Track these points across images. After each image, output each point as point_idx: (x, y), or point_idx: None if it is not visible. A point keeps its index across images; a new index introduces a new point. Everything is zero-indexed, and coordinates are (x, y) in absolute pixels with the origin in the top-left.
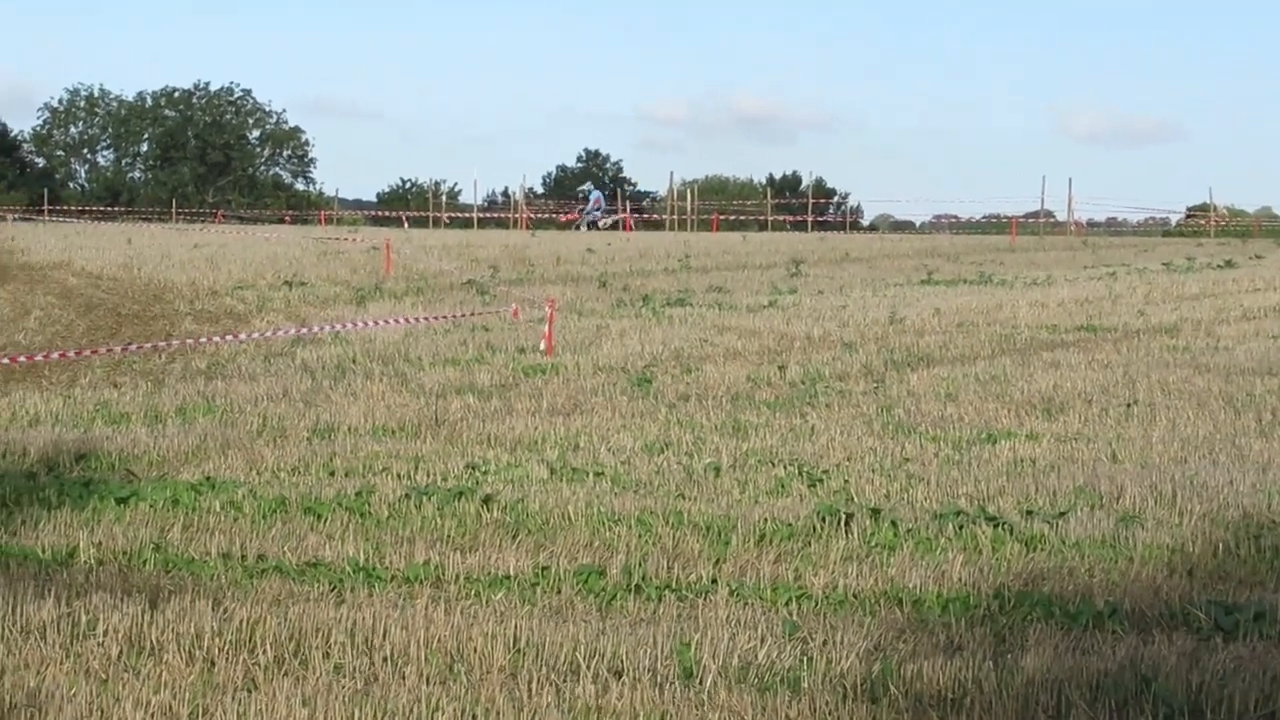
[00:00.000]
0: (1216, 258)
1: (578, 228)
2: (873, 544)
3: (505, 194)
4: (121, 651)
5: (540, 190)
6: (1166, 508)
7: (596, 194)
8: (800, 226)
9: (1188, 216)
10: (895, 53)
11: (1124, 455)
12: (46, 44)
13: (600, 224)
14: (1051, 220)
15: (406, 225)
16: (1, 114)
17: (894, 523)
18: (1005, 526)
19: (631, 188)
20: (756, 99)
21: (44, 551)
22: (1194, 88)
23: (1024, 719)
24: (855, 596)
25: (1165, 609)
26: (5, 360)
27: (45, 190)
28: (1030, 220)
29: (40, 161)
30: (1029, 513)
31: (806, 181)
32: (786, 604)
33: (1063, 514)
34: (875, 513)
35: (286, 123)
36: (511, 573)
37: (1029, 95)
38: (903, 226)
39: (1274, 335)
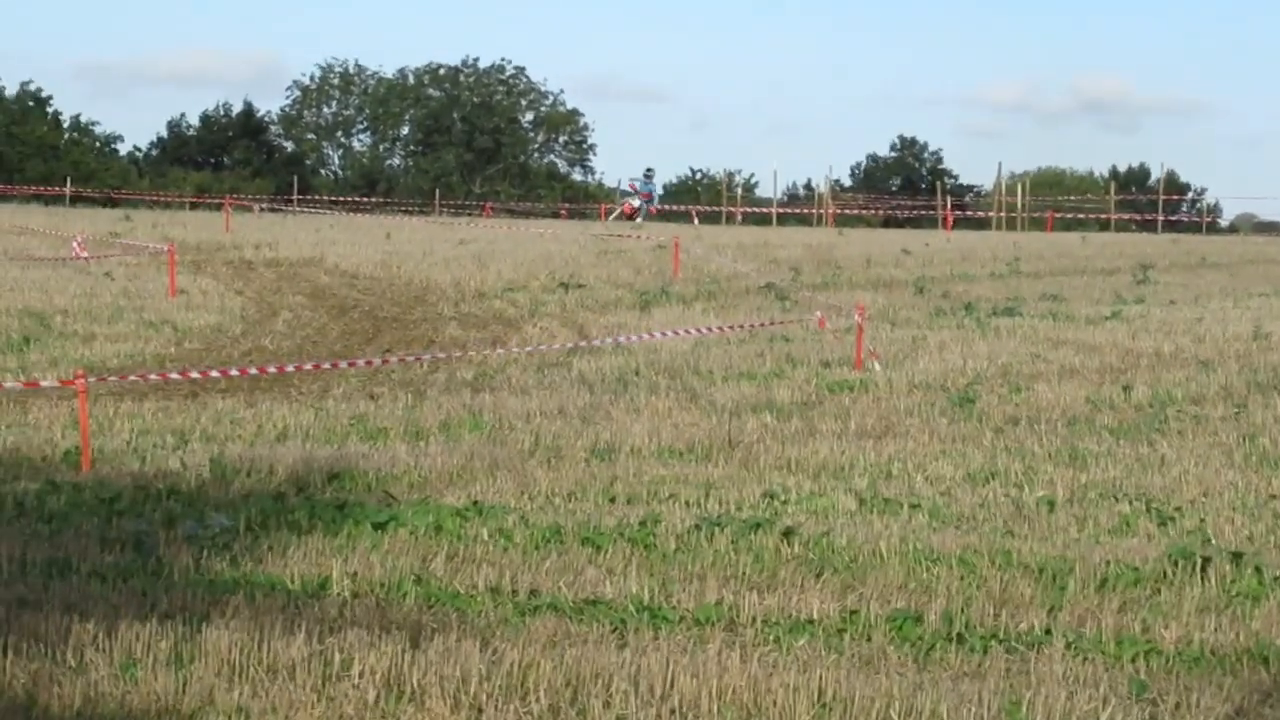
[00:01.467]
0: None
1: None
2: (1234, 593)
3: (808, 187)
4: (379, 695)
5: (848, 183)
6: None
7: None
8: (1148, 226)
9: None
10: (1262, 28)
11: None
12: (298, 15)
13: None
14: None
15: (697, 221)
16: (247, 93)
17: (1259, 569)
18: None
19: (952, 180)
20: (1100, 81)
21: (293, 581)
22: None
23: None
24: (1213, 653)
25: None
26: (252, 369)
27: (295, 178)
28: None
29: (289, 145)
30: None
31: (1156, 175)
32: (1132, 660)
33: None
34: (1237, 557)
35: (564, 105)
36: (815, 616)
37: None
38: (1269, 228)
39: None
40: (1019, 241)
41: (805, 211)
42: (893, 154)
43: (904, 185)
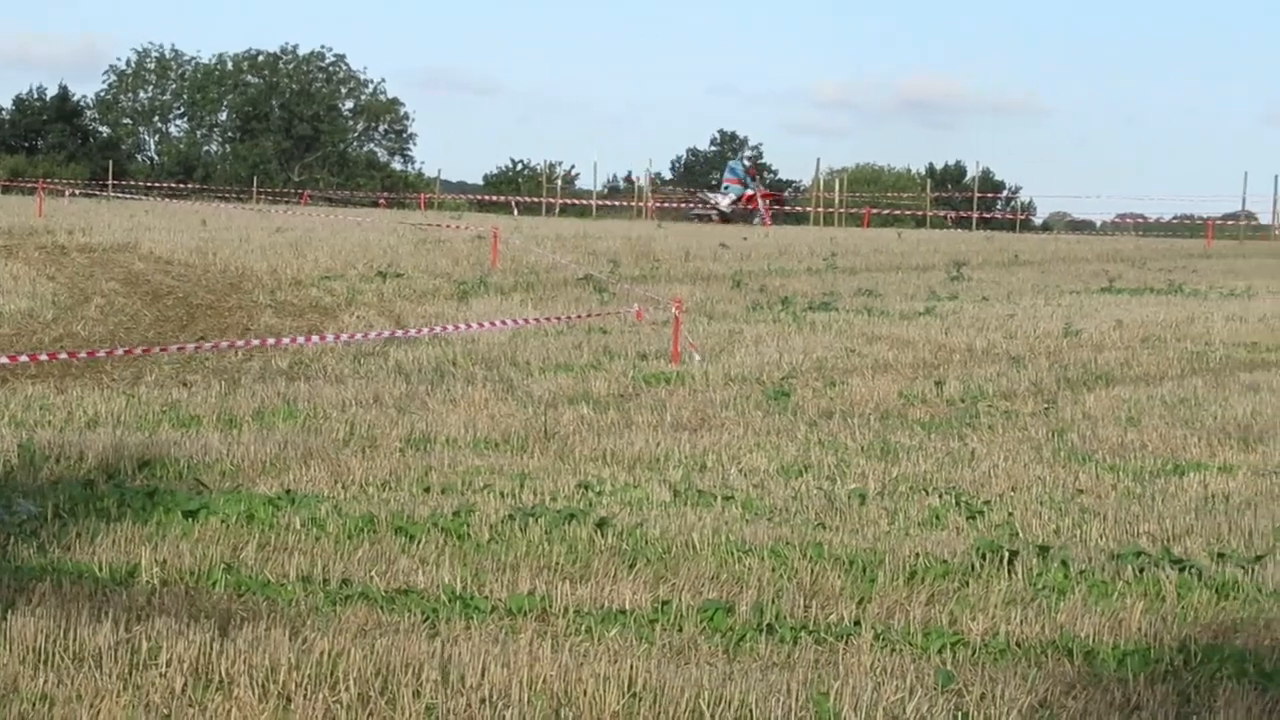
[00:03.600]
0: None
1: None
2: (1039, 586)
3: (629, 179)
4: (186, 684)
5: (668, 176)
6: None
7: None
8: (964, 224)
9: None
10: (1079, 33)
11: None
12: None
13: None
14: (1254, 223)
15: (516, 212)
16: (63, 76)
17: (1064, 563)
18: (1193, 570)
19: (772, 175)
20: (920, 80)
21: (101, 569)
22: None
23: None
24: (1018, 645)
25: None
26: (63, 355)
27: (110, 163)
28: (1229, 223)
29: (105, 130)
30: (1220, 555)
31: (972, 173)
32: (939, 651)
33: (1260, 558)
34: (1043, 551)
35: (384, 94)
36: (627, 607)
37: (1232, 79)
38: (1081, 226)
39: None
40: (836, 237)
41: (625, 204)
42: (713, 148)
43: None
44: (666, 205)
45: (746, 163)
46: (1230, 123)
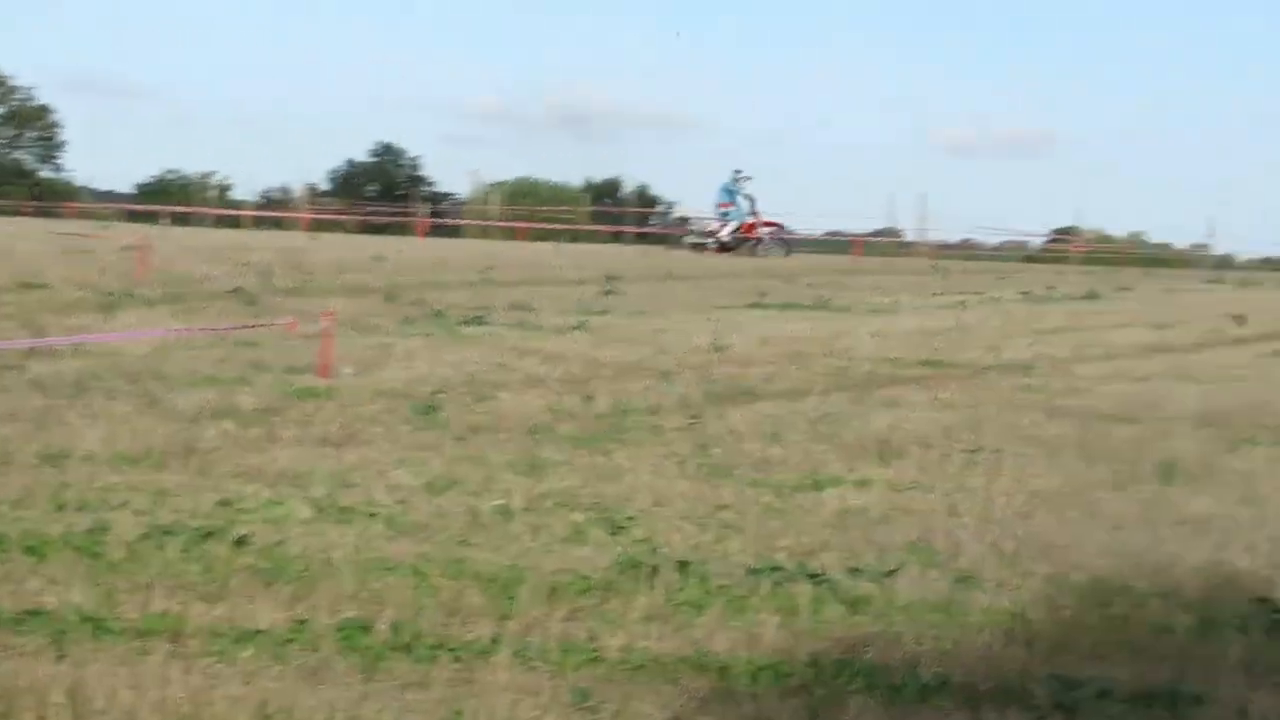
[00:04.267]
0: (1080, 288)
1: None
2: (678, 602)
3: (284, 191)
4: None
5: (326, 187)
6: (1007, 569)
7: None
8: (619, 238)
9: (1051, 241)
10: (737, 49)
11: (964, 508)
12: None
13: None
14: (900, 240)
15: (168, 222)
16: None
17: (703, 578)
18: (827, 585)
19: (429, 188)
20: (579, 93)
21: None
22: (1069, 98)
23: None
24: (655, 661)
25: (1000, 682)
26: None
27: None
28: (877, 240)
29: None
30: (855, 570)
31: (627, 188)
32: (577, 669)
33: (892, 573)
34: (683, 566)
35: (32, 99)
36: (263, 626)
37: (885, 99)
38: None
39: (1137, 377)
40: (492, 250)
41: (280, 216)
42: (372, 159)
43: (382, 191)
44: (323, 217)
45: (738, 180)
46: (875, 140)
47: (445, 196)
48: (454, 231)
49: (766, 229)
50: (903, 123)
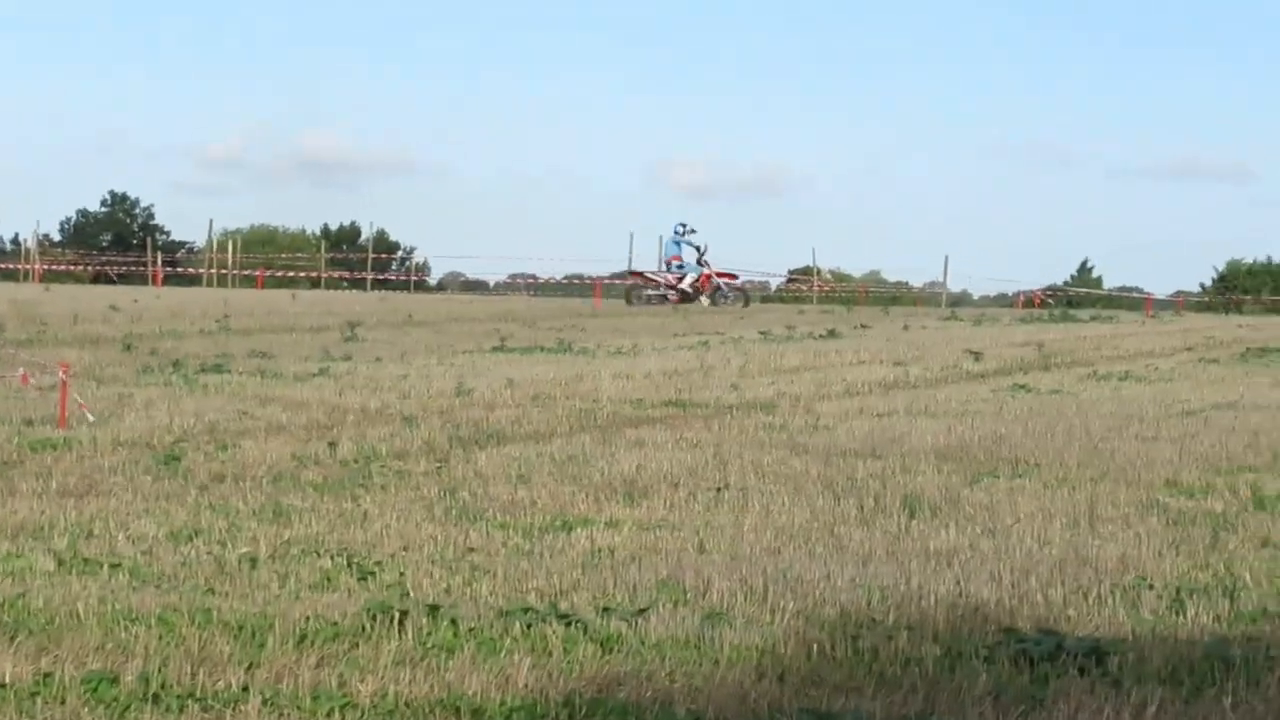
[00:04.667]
0: (819, 326)
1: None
2: (429, 645)
3: (15, 241)
4: None
5: (58, 237)
6: (757, 604)
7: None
8: (359, 284)
9: (789, 280)
10: (473, 93)
11: (712, 545)
12: None
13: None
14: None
15: None
16: None
17: (454, 621)
18: (579, 625)
19: (164, 237)
20: (315, 139)
21: None
22: (802, 137)
23: None
24: (408, 705)
25: (752, 717)
26: None
27: None
28: (617, 282)
29: None
30: (606, 609)
31: (367, 233)
32: (328, 715)
33: (643, 611)
34: (434, 610)
35: None
36: (7, 680)
37: (626, 142)
38: (475, 286)
39: (878, 413)
40: (230, 298)
41: (12, 267)
42: (104, 209)
43: (115, 241)
44: (55, 268)
45: (684, 234)
46: (614, 184)
47: (181, 245)
48: (191, 280)
49: (723, 279)
50: (642, 166)
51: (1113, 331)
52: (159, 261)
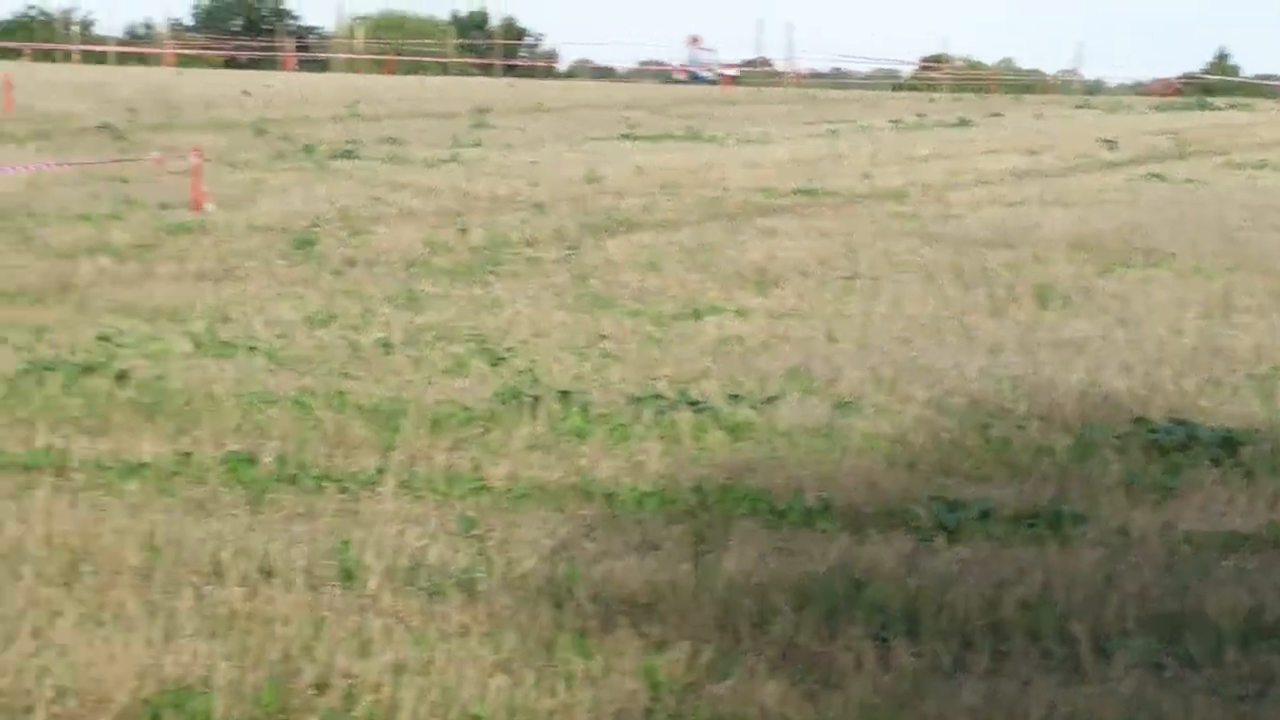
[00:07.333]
0: (950, 115)
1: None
2: (561, 431)
3: (148, 26)
4: None
5: (189, 22)
6: (886, 393)
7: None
8: (488, 71)
9: (921, 69)
10: None
11: (842, 335)
12: None
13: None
14: (769, 70)
15: (30, 59)
16: None
17: (585, 407)
18: (708, 412)
19: (294, 22)
20: None
21: None
22: None
23: (724, 625)
24: (540, 489)
25: (883, 505)
26: None
27: None
28: (746, 70)
29: None
30: (735, 397)
31: (495, 20)
32: (462, 498)
33: (772, 399)
34: (564, 396)
35: None
36: (148, 460)
37: None
38: (604, 74)
39: (1010, 202)
40: (360, 84)
41: (145, 51)
42: None
43: (246, 26)
44: (187, 52)
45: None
46: None
47: (310, 30)
48: (320, 66)
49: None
50: None
51: (1250, 120)
52: (290, 46)
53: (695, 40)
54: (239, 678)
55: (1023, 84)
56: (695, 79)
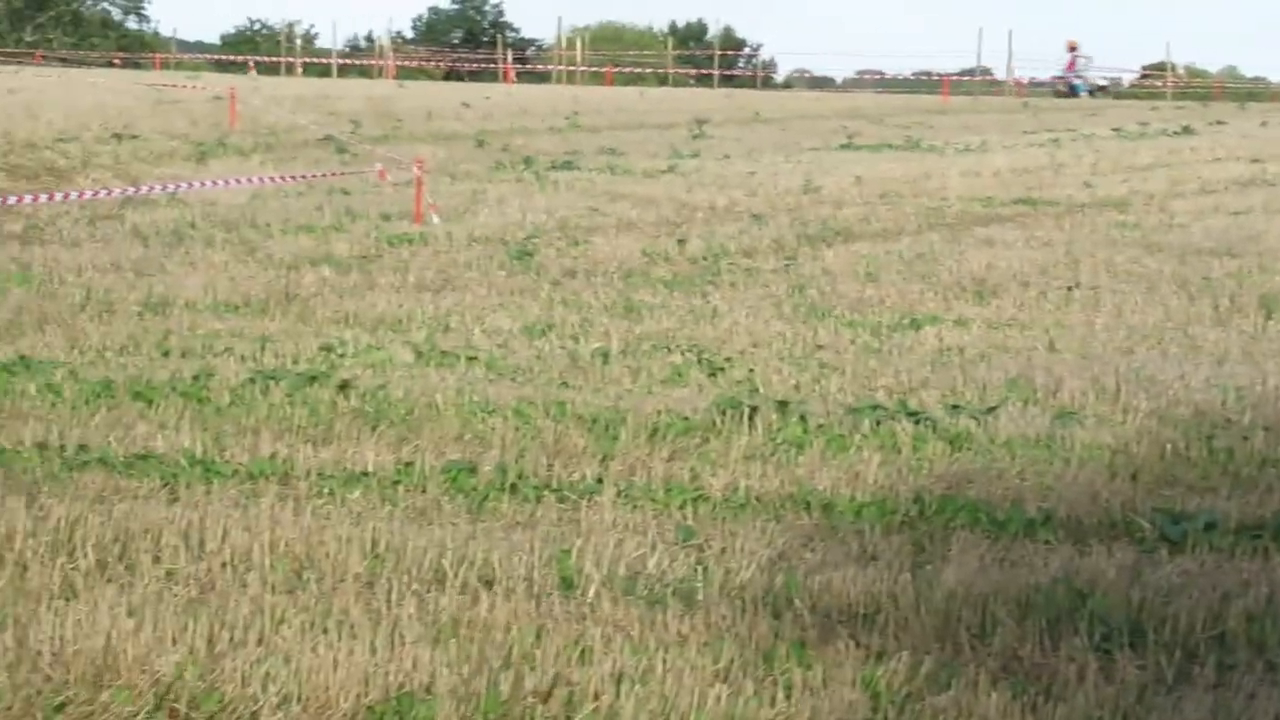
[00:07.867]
0: (1173, 123)
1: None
2: (779, 441)
3: (369, 39)
4: None
5: (410, 35)
6: (1109, 404)
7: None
8: (705, 81)
9: (1142, 76)
10: None
11: (1063, 344)
12: None
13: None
14: (989, 79)
15: (254, 72)
16: None
17: (803, 417)
18: (928, 423)
19: (514, 34)
20: None
21: None
22: None
23: (944, 636)
24: (758, 499)
25: (1105, 517)
26: None
27: None
28: (965, 79)
29: None
30: (955, 408)
31: (713, 31)
32: (681, 507)
33: (992, 409)
34: (783, 406)
35: None
36: (370, 469)
37: None
38: (821, 84)
39: (1234, 211)
40: (578, 95)
41: (366, 64)
42: (455, 6)
43: (466, 38)
44: (408, 65)
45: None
46: None
47: (529, 43)
48: (540, 77)
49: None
50: None
51: None
52: (509, 58)
53: (1074, 47)
54: (460, 685)
55: (1246, 91)
56: (1072, 91)
